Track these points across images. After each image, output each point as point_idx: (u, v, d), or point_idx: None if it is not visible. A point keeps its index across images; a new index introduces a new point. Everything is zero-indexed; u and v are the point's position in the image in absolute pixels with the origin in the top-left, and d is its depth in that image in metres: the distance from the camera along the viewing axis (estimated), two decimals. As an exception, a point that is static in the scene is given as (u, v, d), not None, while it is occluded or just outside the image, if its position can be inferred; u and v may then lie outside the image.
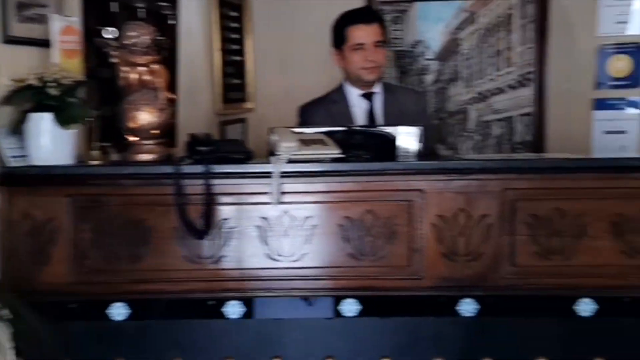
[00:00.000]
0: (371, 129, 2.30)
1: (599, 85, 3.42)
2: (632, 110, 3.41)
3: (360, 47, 2.53)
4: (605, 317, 1.86)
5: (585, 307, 1.86)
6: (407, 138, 2.08)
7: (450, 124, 3.65)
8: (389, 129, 2.10)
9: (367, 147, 2.05)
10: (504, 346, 1.90)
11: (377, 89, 2.65)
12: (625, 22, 3.37)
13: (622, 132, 3.42)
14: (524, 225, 1.86)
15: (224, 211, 1.88)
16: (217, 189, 1.86)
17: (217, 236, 1.88)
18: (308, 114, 2.65)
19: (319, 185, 1.88)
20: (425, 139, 2.13)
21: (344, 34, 2.56)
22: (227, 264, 1.89)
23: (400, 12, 3.60)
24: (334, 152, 1.89)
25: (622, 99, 3.41)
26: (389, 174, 1.88)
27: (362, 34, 2.52)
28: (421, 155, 2.05)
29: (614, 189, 1.83)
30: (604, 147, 3.41)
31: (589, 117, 3.44)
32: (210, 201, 1.84)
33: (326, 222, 1.88)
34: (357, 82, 2.61)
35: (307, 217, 1.88)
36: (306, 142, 1.90)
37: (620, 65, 3.39)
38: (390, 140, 2.06)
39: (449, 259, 1.88)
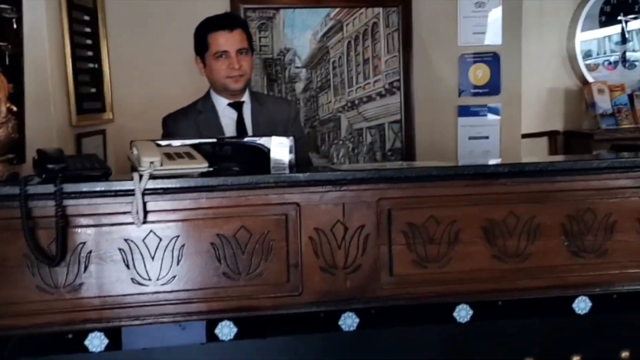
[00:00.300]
0: (242, 140, 2.20)
1: (462, 92, 3.55)
2: (492, 117, 3.57)
3: (223, 54, 2.42)
4: (481, 322, 1.88)
5: (463, 313, 1.87)
6: (280, 149, 2.00)
7: (323, 132, 3.64)
8: (260, 140, 2.00)
9: (237, 160, 1.96)
10: (386, 358, 1.87)
11: (245, 98, 2.55)
12: (482, 33, 3.52)
13: (485, 137, 3.56)
14: (401, 234, 1.84)
15: (81, 234, 1.70)
16: (71, 210, 1.68)
17: (74, 262, 1.70)
18: (173, 125, 2.50)
19: (186, 202, 1.75)
20: (298, 148, 2.06)
21: (205, 41, 2.44)
22: (87, 292, 1.72)
23: (267, 20, 3.54)
24: (202, 165, 1.78)
25: (483, 105, 3.56)
26: (262, 187, 1.79)
27: (224, 41, 2.42)
28: (295, 166, 1.98)
29: (483, 194, 1.86)
30: (469, 153, 3.54)
31: (454, 124, 3.56)
32: (63, 224, 1.66)
33: (196, 241, 1.76)
34: (224, 91, 2.50)
35: (175, 237, 1.75)
36: (171, 155, 1.77)
37: (480, 73, 3.53)
38: (262, 151, 1.97)
39: (328, 273, 1.83)
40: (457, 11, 3.49)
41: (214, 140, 2.05)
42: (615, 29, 4.17)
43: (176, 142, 1.92)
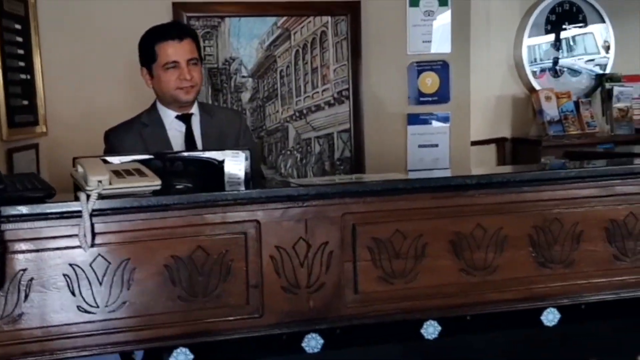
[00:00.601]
0: (194, 154, 2.08)
1: (411, 101, 3.52)
2: (442, 125, 3.56)
3: (173, 65, 2.30)
4: (449, 338, 1.83)
5: (431, 329, 1.82)
6: (234, 162, 1.90)
7: (270, 142, 3.54)
8: (214, 154, 1.89)
9: (189, 175, 1.85)
10: (351, 379, 1.80)
11: (194, 110, 2.44)
12: (432, 41, 3.51)
13: (434, 145, 3.54)
14: (366, 250, 1.78)
15: (21, 260, 1.56)
16: (10, 235, 1.54)
17: (13, 291, 1.56)
18: (116, 139, 2.36)
19: (138, 222, 1.63)
20: (252, 161, 1.96)
21: (153, 51, 2.32)
22: (28, 322, 1.58)
23: (211, 28, 3.43)
24: (154, 183, 1.66)
25: (433, 114, 3.55)
26: (220, 205, 1.69)
27: (174, 51, 2.30)
28: (251, 180, 1.88)
29: (450, 207, 1.82)
30: (419, 161, 3.52)
31: (404, 132, 3.53)
32: (1, 250, 1.52)
33: (149, 264, 1.64)
34: (173, 103, 2.38)
35: (126, 260, 1.63)
36: (120, 173, 1.64)
37: (429, 81, 3.52)
38: (217, 166, 1.87)
39: (291, 293, 1.75)
40: (406, 20, 3.46)
41: (164, 154, 1.93)
42: (565, 33, 4.24)
43: (124, 158, 1.79)
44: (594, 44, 4.34)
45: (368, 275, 1.78)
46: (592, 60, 4.29)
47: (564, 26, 4.27)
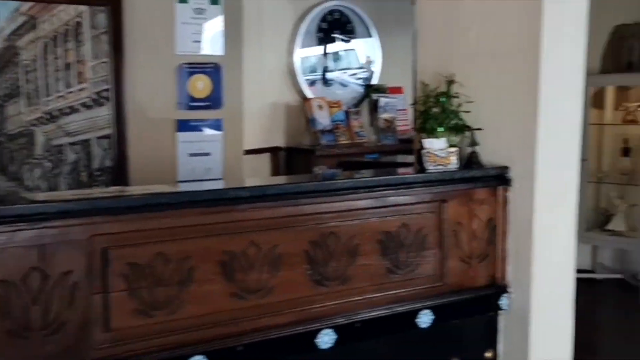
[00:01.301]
0: None
1: (181, 105, 3.25)
2: (214, 132, 3.34)
3: None
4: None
5: (196, 364, 1.58)
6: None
7: (11, 149, 3.03)
8: None
9: None
10: None
11: None
12: (203, 42, 3.27)
13: (206, 154, 3.32)
14: (120, 278, 1.50)
15: None
16: None
17: None
18: None
19: None
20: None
21: None
22: None
23: None
24: None
25: (204, 120, 3.31)
26: None
27: None
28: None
29: (221, 223, 1.61)
30: (190, 171, 3.27)
31: (173, 139, 3.24)
32: None
33: None
34: None
35: None
36: None
37: (200, 85, 3.28)
38: None
39: (19, 337, 1.41)
40: (174, 16, 3.17)
41: None
42: (331, 47, 4.27)
43: None
44: (357, 59, 4.44)
45: (123, 308, 1.51)
46: (355, 74, 4.39)
47: (333, 35, 4.30)
